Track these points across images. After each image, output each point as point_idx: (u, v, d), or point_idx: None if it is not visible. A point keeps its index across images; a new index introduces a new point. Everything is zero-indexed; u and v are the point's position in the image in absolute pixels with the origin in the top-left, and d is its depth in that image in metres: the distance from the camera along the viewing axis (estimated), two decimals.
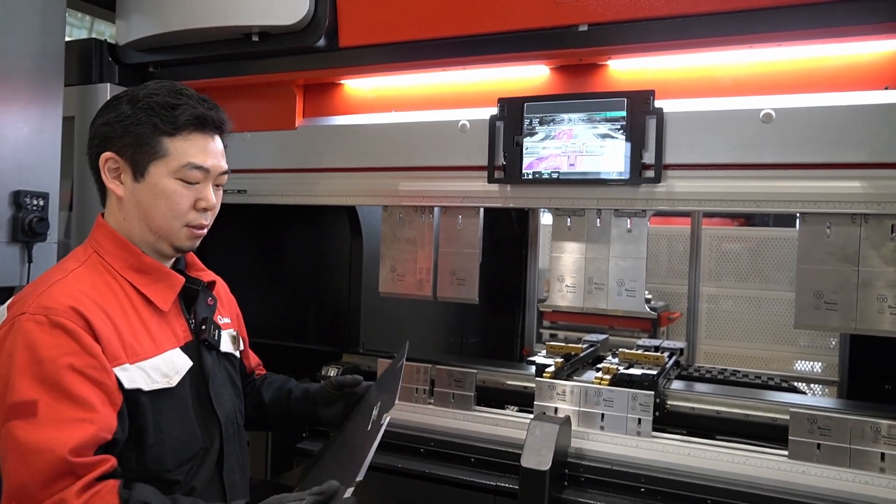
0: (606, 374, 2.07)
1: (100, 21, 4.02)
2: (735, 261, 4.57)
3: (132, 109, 1.34)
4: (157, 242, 1.39)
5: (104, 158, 1.35)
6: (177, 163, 1.35)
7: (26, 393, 1.12)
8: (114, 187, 1.36)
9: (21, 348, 1.15)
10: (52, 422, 1.12)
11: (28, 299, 1.22)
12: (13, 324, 1.18)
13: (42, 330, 1.17)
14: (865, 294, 1.72)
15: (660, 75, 1.95)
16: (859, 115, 1.69)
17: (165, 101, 1.34)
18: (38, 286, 1.26)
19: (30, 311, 1.18)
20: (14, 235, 2.10)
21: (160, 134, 1.34)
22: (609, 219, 2.02)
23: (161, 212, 1.36)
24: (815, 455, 1.75)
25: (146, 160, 1.34)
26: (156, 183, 1.34)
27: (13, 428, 1.11)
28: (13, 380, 1.14)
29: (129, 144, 1.33)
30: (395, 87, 2.32)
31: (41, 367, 1.14)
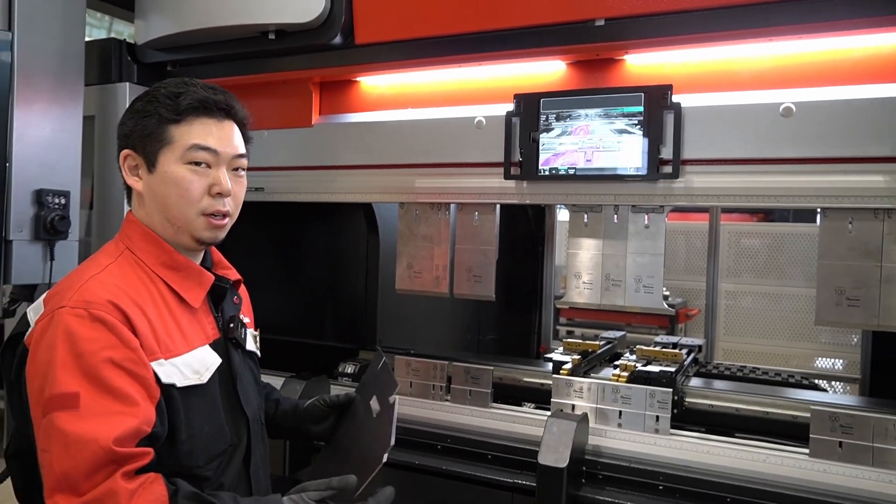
0: (624, 371, 2.06)
1: (119, 21, 4.06)
2: (754, 257, 4.52)
3: (142, 104, 1.37)
4: (178, 235, 1.37)
5: (123, 156, 1.37)
6: (182, 147, 1.34)
7: (68, 385, 1.12)
8: (133, 183, 1.38)
9: (61, 341, 1.15)
10: (95, 414, 1.12)
11: (66, 293, 1.21)
12: (52, 317, 1.18)
13: (82, 323, 1.17)
14: (889, 290, 1.69)
15: (677, 70, 1.93)
16: (881, 107, 1.66)
17: (170, 91, 1.36)
18: (75, 281, 1.25)
19: (69, 305, 1.18)
20: (36, 233, 2.13)
21: (166, 122, 1.34)
22: (626, 215, 2.01)
23: (174, 200, 1.34)
24: (837, 453, 1.73)
25: (155, 150, 1.34)
26: (165, 171, 1.34)
27: (56, 419, 1.11)
28: (54, 372, 1.13)
29: (140, 137, 1.35)
30: (410, 84, 2.32)
31: (82, 360, 1.14)
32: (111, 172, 2.49)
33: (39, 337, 1.18)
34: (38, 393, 1.15)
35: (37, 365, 1.17)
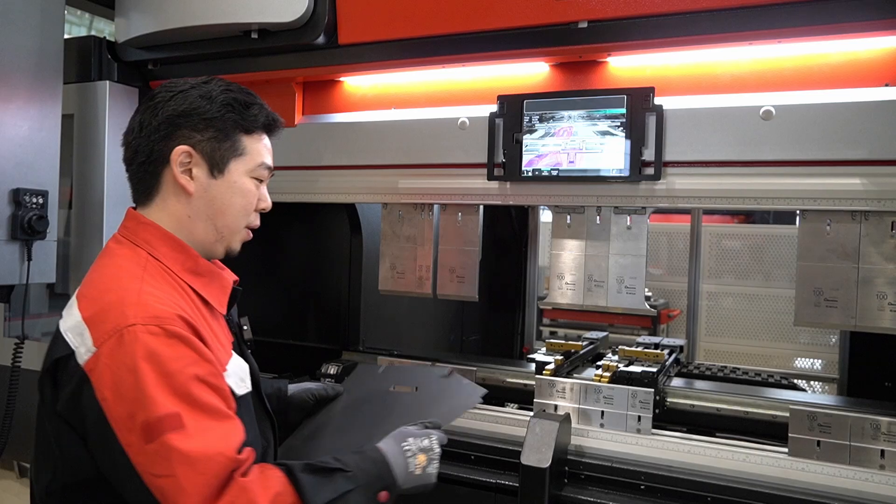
0: (606, 371, 2.07)
1: (99, 18, 4.01)
2: (735, 258, 4.57)
3: (209, 104, 1.29)
4: (216, 244, 1.34)
5: (180, 152, 1.27)
6: (253, 162, 1.34)
7: (166, 406, 1.07)
8: (185, 182, 1.28)
9: (144, 361, 1.08)
10: (202, 430, 1.09)
11: (123, 308, 1.13)
12: (121, 336, 1.09)
13: (160, 341, 1.10)
14: (865, 291, 1.72)
15: (660, 72, 1.95)
16: (859, 112, 1.69)
17: (243, 99, 1.33)
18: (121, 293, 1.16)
19: (140, 322, 1.10)
20: (13, 233, 2.10)
21: (240, 131, 1.32)
22: (609, 216, 2.02)
23: (235, 210, 1.33)
24: (815, 452, 1.75)
25: (227, 156, 1.30)
26: (235, 180, 1.32)
27: (170, 441, 1.06)
28: (149, 395, 1.07)
29: (209, 139, 1.28)
30: (394, 85, 2.32)
31: (171, 380, 1.09)
32: (91, 171, 2.46)
33: (110, 360, 1.09)
34: (127, 419, 1.07)
35: (120, 390, 1.08)
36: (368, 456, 1.29)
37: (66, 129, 2.33)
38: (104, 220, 2.43)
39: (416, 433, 1.37)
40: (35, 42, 2.16)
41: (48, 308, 2.68)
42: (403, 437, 1.35)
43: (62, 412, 1.13)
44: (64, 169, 2.31)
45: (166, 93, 1.30)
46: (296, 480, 1.15)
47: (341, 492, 1.19)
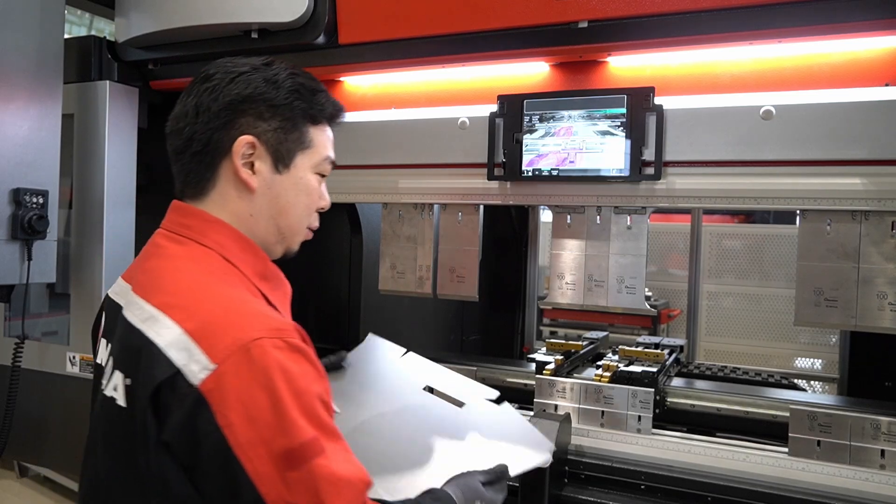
0: (606, 371, 2.07)
1: (99, 18, 4.01)
2: (735, 258, 4.56)
3: (275, 89, 1.14)
4: (276, 244, 1.22)
5: (244, 142, 1.12)
6: (319, 156, 1.21)
7: (308, 431, 0.96)
8: (247, 177, 1.13)
9: (278, 379, 0.95)
10: (337, 452, 0.99)
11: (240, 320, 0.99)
12: (247, 351, 0.95)
13: (287, 357, 0.97)
14: (865, 291, 1.72)
15: (660, 72, 1.95)
16: (860, 111, 1.69)
17: (310, 84, 1.19)
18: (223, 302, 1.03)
19: (265, 335, 0.97)
20: (14, 233, 2.10)
21: (307, 121, 1.18)
22: (609, 216, 2.02)
23: (300, 209, 1.21)
24: (815, 452, 1.76)
25: (294, 150, 1.17)
26: (301, 176, 1.19)
27: (318, 468, 0.95)
28: (289, 418, 0.94)
29: (276, 129, 1.14)
30: (394, 85, 2.32)
31: (302, 401, 0.97)
32: (91, 171, 2.46)
33: (236, 379, 0.94)
34: (262, 445, 0.93)
35: (253, 412, 0.93)
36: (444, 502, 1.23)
37: (67, 128, 2.33)
38: (104, 220, 2.44)
39: (485, 497, 1.29)
40: (35, 42, 2.16)
41: (48, 308, 2.69)
42: (475, 496, 1.27)
43: (170, 441, 0.95)
44: (64, 169, 2.31)
45: (225, 74, 1.14)
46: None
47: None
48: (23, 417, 2.44)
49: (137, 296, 1.08)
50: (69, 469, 3.16)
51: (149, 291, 1.07)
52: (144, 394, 0.96)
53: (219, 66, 1.16)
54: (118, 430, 1.02)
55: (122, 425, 1.01)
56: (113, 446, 1.03)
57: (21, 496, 4.15)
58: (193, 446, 0.94)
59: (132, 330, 1.03)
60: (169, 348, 0.97)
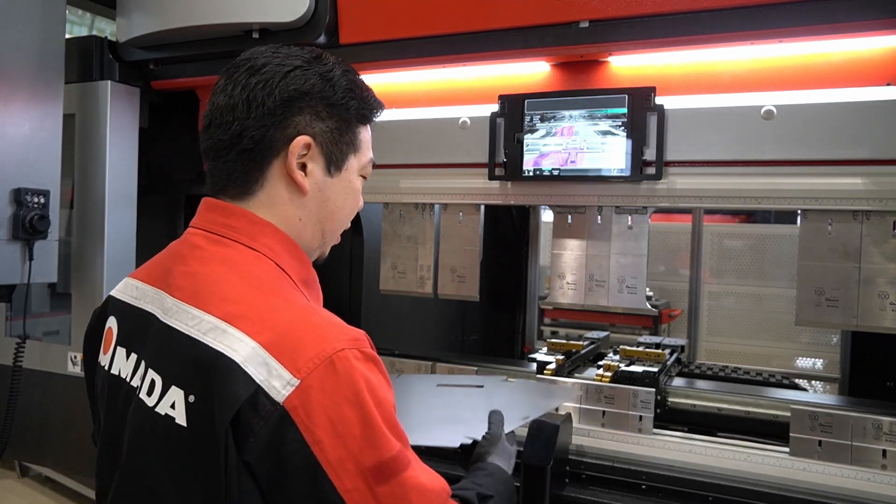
0: (607, 371, 2.07)
1: (100, 18, 4.02)
2: (736, 258, 4.56)
3: (331, 87, 1.08)
4: (317, 249, 1.17)
5: (300, 143, 1.05)
6: (366, 157, 1.17)
7: (395, 444, 0.93)
8: (302, 180, 1.07)
9: (364, 393, 0.91)
10: (418, 464, 0.98)
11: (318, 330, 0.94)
12: (331, 364, 0.90)
13: (365, 367, 0.94)
14: (867, 291, 1.72)
15: (661, 72, 1.95)
16: (861, 111, 1.69)
17: (360, 82, 1.13)
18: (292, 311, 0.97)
19: (346, 346, 0.93)
20: (15, 233, 2.10)
21: (358, 121, 1.13)
22: (610, 216, 2.02)
23: (346, 213, 1.17)
24: (817, 452, 1.75)
25: (347, 151, 1.11)
26: (350, 180, 1.14)
27: (408, 480, 0.93)
28: (377, 431, 0.91)
29: (331, 129, 1.08)
30: (395, 84, 2.32)
31: (385, 412, 0.94)
32: (92, 171, 2.46)
33: (322, 395, 0.89)
34: (351, 460, 0.89)
35: (341, 427, 0.89)
36: (500, 479, 1.26)
37: (68, 128, 2.33)
38: (105, 220, 2.44)
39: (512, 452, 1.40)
40: (36, 42, 2.16)
41: (49, 308, 2.69)
42: (510, 456, 1.38)
43: (251, 461, 0.89)
44: (65, 169, 2.32)
45: (278, 67, 1.05)
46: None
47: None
48: (24, 417, 2.44)
49: (186, 304, 0.99)
50: (70, 469, 3.17)
51: (204, 299, 0.98)
52: (225, 413, 0.88)
53: (268, 58, 1.07)
54: (180, 450, 0.94)
55: (185, 446, 0.93)
56: (174, 467, 0.95)
57: (22, 496, 4.16)
58: (278, 466, 0.89)
59: (192, 343, 0.94)
60: (247, 364, 0.90)
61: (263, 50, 1.10)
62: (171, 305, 1.00)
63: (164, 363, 0.98)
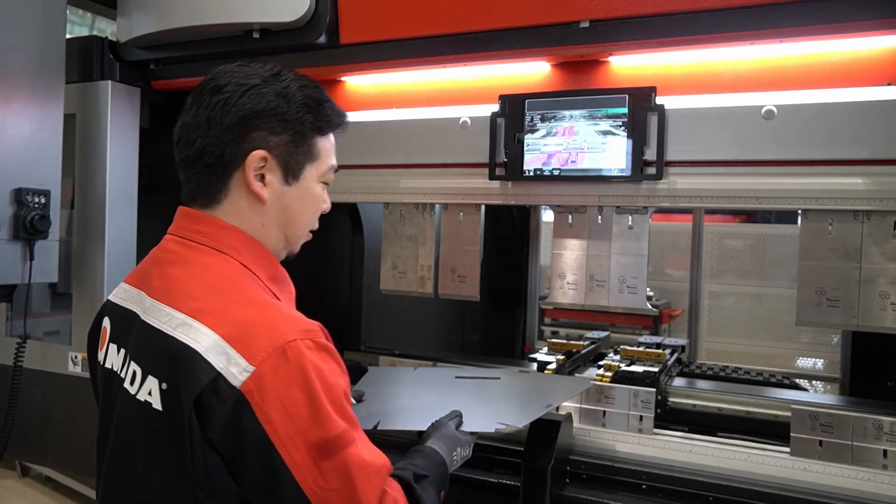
0: (608, 371, 2.07)
1: (101, 18, 4.02)
2: (737, 257, 4.56)
3: (287, 104, 1.17)
4: (282, 250, 1.27)
5: (256, 156, 1.15)
6: (325, 165, 1.25)
7: (339, 423, 1.04)
8: (259, 190, 1.17)
9: (313, 377, 1.02)
10: (363, 441, 1.08)
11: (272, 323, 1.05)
12: (283, 353, 1.01)
13: (318, 356, 1.05)
14: (867, 291, 1.72)
15: (661, 71, 1.95)
16: (861, 111, 1.69)
17: (317, 95, 1.22)
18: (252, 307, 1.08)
19: (298, 337, 1.04)
20: (16, 233, 2.11)
21: (314, 133, 1.21)
22: (610, 216, 2.02)
23: (305, 217, 1.26)
24: (817, 452, 1.75)
25: (303, 161, 1.21)
26: (308, 187, 1.23)
27: (350, 456, 1.04)
28: (323, 412, 1.02)
29: (286, 143, 1.18)
30: (396, 84, 2.32)
31: (332, 395, 1.04)
32: (93, 171, 2.47)
33: (275, 379, 1.00)
34: (300, 438, 1.00)
35: (291, 408, 1.00)
36: (435, 460, 1.33)
37: (68, 128, 2.33)
38: (106, 220, 2.44)
39: (463, 442, 1.43)
40: (37, 42, 2.16)
41: (50, 308, 2.69)
42: (454, 445, 1.40)
43: (214, 439, 1.01)
44: (66, 169, 2.32)
45: (236, 86, 1.16)
46: (412, 491, 1.17)
47: (433, 498, 1.22)
48: (25, 417, 2.45)
49: (160, 302, 1.11)
50: (71, 468, 3.16)
51: (174, 298, 1.10)
52: (188, 397, 1.00)
53: (228, 77, 1.17)
54: (158, 431, 1.05)
55: (161, 427, 1.04)
56: (154, 447, 1.07)
57: (23, 496, 4.16)
58: (236, 443, 1.00)
59: (164, 337, 1.06)
60: (208, 353, 1.01)
61: (227, 69, 1.20)
62: (150, 305, 1.13)
63: (142, 356, 1.10)
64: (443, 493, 1.29)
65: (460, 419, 1.48)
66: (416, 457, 1.32)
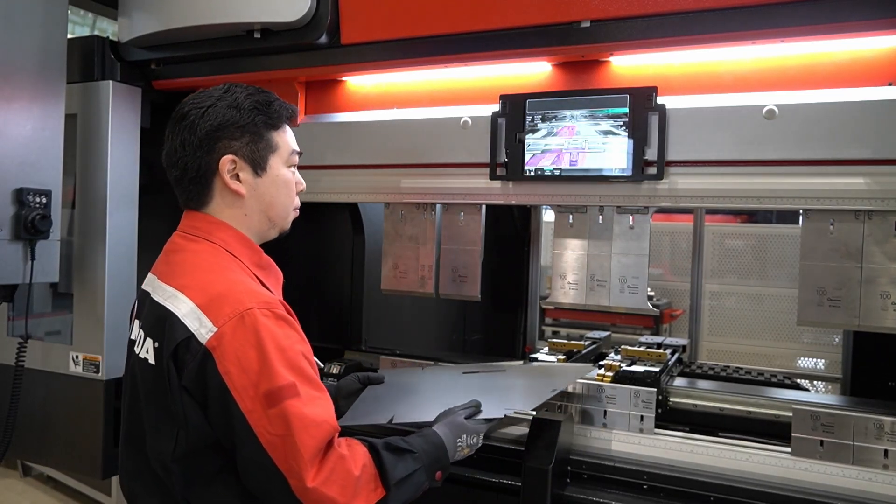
0: (609, 371, 2.07)
1: (102, 18, 4.02)
2: (738, 257, 4.56)
3: (238, 112, 1.41)
4: (270, 230, 1.50)
5: (226, 161, 1.40)
6: (286, 152, 1.48)
7: (285, 377, 1.23)
8: (237, 187, 1.41)
9: (265, 339, 1.24)
10: (312, 399, 1.26)
11: (238, 296, 1.28)
12: (241, 318, 1.25)
13: (273, 322, 1.27)
14: (869, 291, 1.72)
15: (662, 71, 1.95)
16: (863, 111, 1.69)
17: (264, 99, 1.45)
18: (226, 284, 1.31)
19: (256, 306, 1.26)
20: (17, 233, 2.10)
21: (269, 129, 1.44)
22: (611, 216, 2.01)
23: (282, 200, 1.48)
24: (818, 452, 1.75)
25: (265, 155, 1.44)
26: (277, 174, 1.46)
27: (290, 407, 1.22)
28: (271, 367, 1.23)
29: (247, 143, 1.41)
30: (396, 84, 2.32)
31: (285, 355, 1.25)
32: (94, 171, 2.46)
33: (232, 338, 1.24)
34: (251, 387, 1.22)
35: (244, 363, 1.23)
36: (430, 440, 1.45)
37: (70, 128, 2.33)
38: (107, 220, 2.44)
39: (471, 430, 1.53)
40: (38, 42, 2.16)
41: (51, 307, 2.69)
42: (460, 431, 1.51)
43: (188, 386, 1.25)
44: (67, 168, 2.31)
45: (196, 110, 1.41)
46: (378, 456, 1.33)
47: (411, 470, 1.36)
48: (26, 417, 2.45)
49: (161, 281, 1.38)
50: (72, 468, 3.17)
51: (170, 277, 1.38)
52: (168, 351, 1.27)
53: (190, 104, 1.43)
54: (152, 381, 1.32)
55: (153, 378, 1.31)
56: (149, 394, 1.33)
57: (24, 495, 4.16)
58: (203, 389, 1.25)
59: (158, 306, 1.34)
60: (185, 318, 1.28)
61: (188, 99, 1.45)
62: (157, 284, 1.40)
63: (146, 323, 1.38)
64: (439, 473, 1.44)
65: (476, 409, 1.59)
66: (412, 435, 1.46)
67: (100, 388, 2.43)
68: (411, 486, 1.36)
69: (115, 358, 2.44)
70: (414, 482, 1.37)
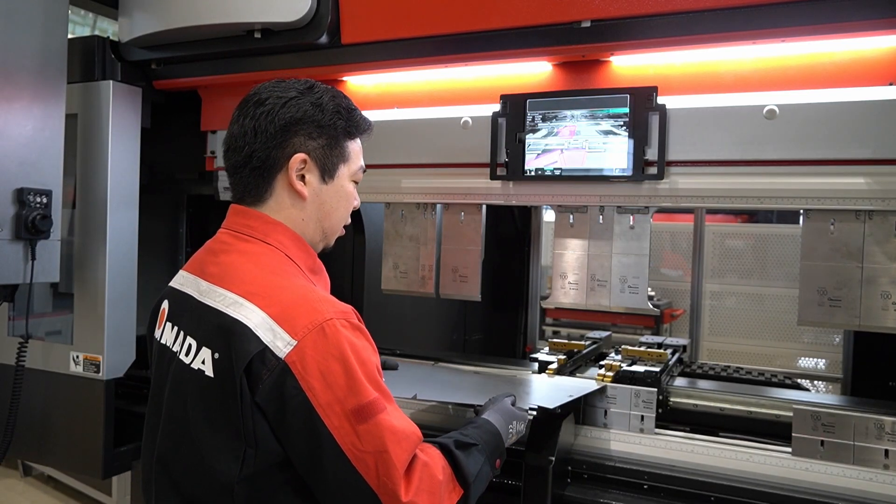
0: (609, 371, 2.07)
1: (102, 18, 4.02)
2: (738, 257, 4.56)
3: (321, 112, 1.34)
4: (319, 242, 1.42)
5: (298, 159, 1.32)
6: (356, 165, 1.42)
7: (371, 392, 1.17)
8: (301, 188, 1.33)
9: (348, 352, 1.17)
10: (395, 411, 1.21)
11: (314, 305, 1.20)
12: (322, 330, 1.17)
13: (352, 333, 1.21)
14: (869, 291, 1.72)
15: (662, 71, 1.95)
16: (863, 111, 1.69)
17: (347, 105, 1.39)
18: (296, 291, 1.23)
19: (335, 317, 1.19)
20: (17, 233, 2.11)
21: (346, 137, 1.38)
22: (612, 216, 2.01)
23: (340, 213, 1.42)
24: (819, 452, 1.75)
25: (336, 162, 1.37)
26: (342, 185, 1.40)
27: (383, 422, 1.17)
28: (357, 381, 1.16)
29: (322, 146, 1.34)
30: (397, 84, 2.32)
31: (366, 368, 1.19)
32: (94, 171, 2.47)
33: (314, 352, 1.15)
34: (338, 404, 1.15)
35: (329, 378, 1.15)
36: (488, 430, 1.44)
37: (70, 128, 2.33)
38: (107, 220, 2.44)
39: (518, 416, 1.55)
40: (39, 42, 2.16)
41: (52, 307, 2.69)
42: (510, 418, 1.52)
43: (260, 402, 1.15)
44: (67, 168, 2.32)
45: (277, 98, 1.32)
46: (451, 455, 1.29)
47: (480, 464, 1.35)
48: (26, 417, 2.45)
49: (215, 285, 1.27)
50: (72, 468, 3.17)
51: (228, 282, 1.26)
52: (239, 364, 1.15)
53: (269, 91, 1.34)
54: (210, 396, 1.20)
55: (213, 392, 1.19)
56: (206, 409, 1.21)
57: (25, 495, 4.16)
58: (280, 406, 1.15)
59: (217, 313, 1.22)
60: (257, 329, 1.17)
61: (267, 85, 1.36)
62: (205, 288, 1.29)
63: (197, 330, 1.25)
64: (498, 461, 1.42)
65: (515, 398, 1.61)
66: (468, 427, 1.44)
67: (100, 387, 2.43)
68: (482, 480, 1.36)
69: (115, 358, 2.45)
70: (484, 475, 1.36)
